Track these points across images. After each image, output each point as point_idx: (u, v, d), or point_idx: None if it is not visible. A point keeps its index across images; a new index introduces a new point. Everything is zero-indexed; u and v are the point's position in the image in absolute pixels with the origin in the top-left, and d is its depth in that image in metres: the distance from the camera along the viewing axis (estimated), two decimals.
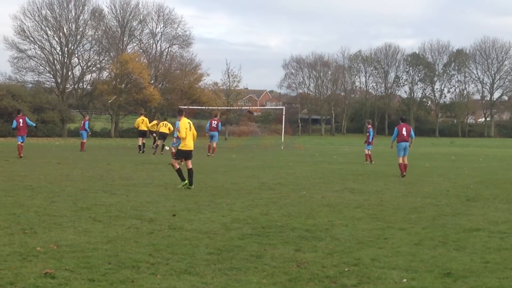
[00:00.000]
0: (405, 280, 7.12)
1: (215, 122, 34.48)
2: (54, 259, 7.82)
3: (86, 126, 37.86)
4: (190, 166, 16.82)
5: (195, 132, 17.33)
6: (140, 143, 36.12)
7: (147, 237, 9.38)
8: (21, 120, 29.50)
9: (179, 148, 17.21)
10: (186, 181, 16.56)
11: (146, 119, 38.00)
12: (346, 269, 7.58)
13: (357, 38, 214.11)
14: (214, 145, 34.16)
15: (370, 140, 29.70)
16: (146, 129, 37.34)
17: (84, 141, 37.58)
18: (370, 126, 30.82)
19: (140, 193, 15.05)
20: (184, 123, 17.01)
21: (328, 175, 21.84)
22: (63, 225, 10.28)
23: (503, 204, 14.28)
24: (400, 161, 22.20)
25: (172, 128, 36.34)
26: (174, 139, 26.91)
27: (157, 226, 10.39)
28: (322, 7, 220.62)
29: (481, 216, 12.20)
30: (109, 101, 77.19)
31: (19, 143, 28.92)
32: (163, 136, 34.99)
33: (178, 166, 16.89)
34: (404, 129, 22.53)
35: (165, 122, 35.45)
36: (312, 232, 10.11)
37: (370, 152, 29.77)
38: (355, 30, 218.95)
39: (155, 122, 38.42)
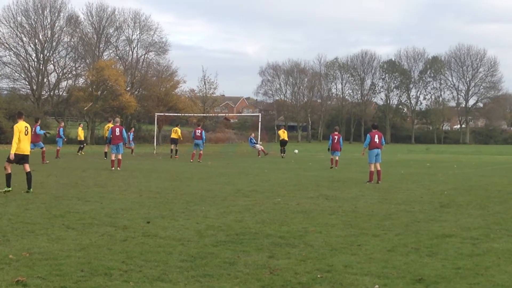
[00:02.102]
0: (377, 286, 7.17)
1: (199, 131, 35.95)
2: (26, 266, 7.77)
3: (61, 133, 37.75)
4: (28, 170, 16.78)
5: (30, 137, 17.39)
6: (173, 148, 40.78)
7: (121, 245, 9.34)
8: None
9: (14, 152, 16.77)
10: (11, 188, 16.44)
11: (178, 129, 42.01)
12: (318, 276, 7.61)
13: (335, 45, 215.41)
14: (201, 151, 35.98)
15: (328, 147, 32.05)
16: (177, 137, 41.16)
17: (59, 148, 37.37)
18: (334, 133, 32.12)
19: (115, 200, 15.00)
20: (21, 126, 16.92)
21: (304, 182, 21.90)
22: (36, 232, 10.22)
23: (476, 210, 14.41)
24: (372, 168, 22.36)
25: (180, 134, 41.43)
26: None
27: (131, 233, 10.36)
28: (303, 14, 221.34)
29: (454, 222, 12.30)
30: (85, 108, 76.75)
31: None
32: (174, 141, 40.87)
33: (9, 171, 16.73)
34: (376, 136, 22.70)
35: (175, 129, 41.83)
36: (285, 239, 10.13)
37: (333, 157, 31.14)
38: (334, 37, 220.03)
39: None
